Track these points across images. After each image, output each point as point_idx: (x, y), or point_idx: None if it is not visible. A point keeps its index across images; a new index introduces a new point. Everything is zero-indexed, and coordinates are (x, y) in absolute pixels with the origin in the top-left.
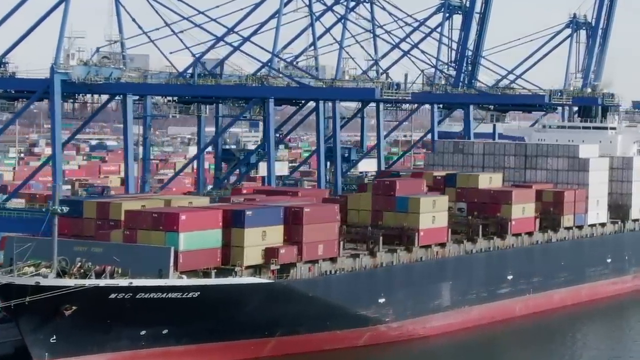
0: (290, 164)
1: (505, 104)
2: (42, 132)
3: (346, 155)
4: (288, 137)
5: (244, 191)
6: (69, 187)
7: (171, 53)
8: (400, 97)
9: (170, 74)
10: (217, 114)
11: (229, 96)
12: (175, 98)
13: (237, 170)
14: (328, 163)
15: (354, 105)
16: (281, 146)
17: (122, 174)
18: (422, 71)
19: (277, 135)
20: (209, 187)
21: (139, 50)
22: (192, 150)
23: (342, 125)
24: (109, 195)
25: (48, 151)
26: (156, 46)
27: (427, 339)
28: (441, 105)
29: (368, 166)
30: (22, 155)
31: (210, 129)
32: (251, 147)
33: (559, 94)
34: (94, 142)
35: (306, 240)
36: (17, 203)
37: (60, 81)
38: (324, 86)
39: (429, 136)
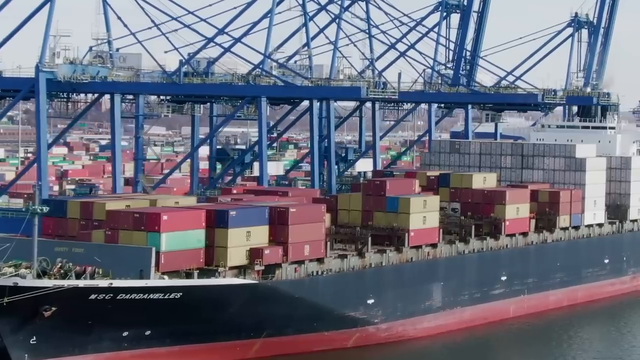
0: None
1: (500, 103)
2: (53, 133)
3: (343, 155)
4: (284, 136)
5: (234, 191)
6: (70, 187)
7: (166, 52)
8: (387, 96)
9: (164, 73)
10: (211, 113)
11: (217, 95)
12: (168, 97)
13: (232, 169)
14: (325, 163)
15: (351, 104)
16: (290, 146)
17: (126, 174)
18: (423, 71)
19: (272, 134)
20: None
21: (130, 49)
22: (203, 150)
23: (337, 125)
24: (96, 194)
25: (55, 151)
26: (143, 46)
27: (417, 340)
28: (442, 105)
29: (366, 166)
30: (29, 154)
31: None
32: None
33: (553, 93)
34: (104, 142)
35: (292, 241)
36: (17, 204)
37: (46, 80)
38: (310, 85)
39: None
